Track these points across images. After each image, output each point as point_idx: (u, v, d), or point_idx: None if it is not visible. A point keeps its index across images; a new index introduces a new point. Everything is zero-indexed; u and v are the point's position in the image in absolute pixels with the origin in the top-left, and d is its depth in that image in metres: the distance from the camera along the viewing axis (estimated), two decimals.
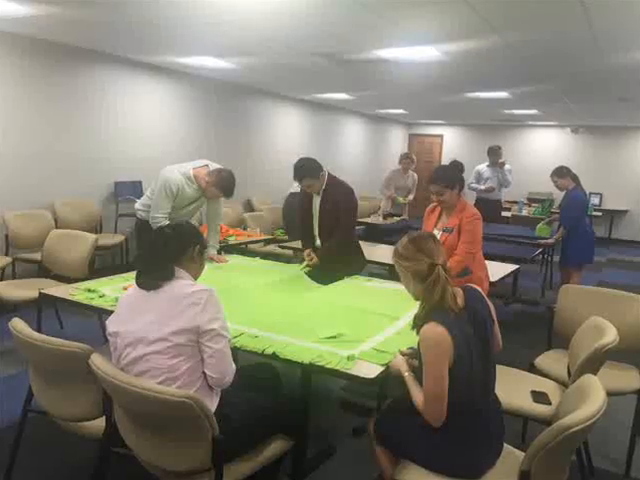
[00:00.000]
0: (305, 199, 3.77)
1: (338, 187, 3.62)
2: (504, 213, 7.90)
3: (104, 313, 2.66)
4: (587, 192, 5.72)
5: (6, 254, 4.90)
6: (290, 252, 5.05)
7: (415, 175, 6.99)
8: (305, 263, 3.67)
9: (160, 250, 1.95)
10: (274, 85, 7.84)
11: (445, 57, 5.05)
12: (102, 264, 5.75)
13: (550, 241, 5.52)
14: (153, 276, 1.90)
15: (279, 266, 3.94)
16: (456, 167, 3.69)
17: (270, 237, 5.92)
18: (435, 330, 1.75)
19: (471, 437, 1.82)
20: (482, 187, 7.08)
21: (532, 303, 5.78)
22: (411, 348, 2.08)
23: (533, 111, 9.14)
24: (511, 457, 1.91)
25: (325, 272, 3.46)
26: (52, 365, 2.07)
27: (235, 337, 2.23)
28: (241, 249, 5.12)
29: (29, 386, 2.24)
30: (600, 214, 9.97)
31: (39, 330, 3.06)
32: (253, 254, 5.03)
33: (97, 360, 1.82)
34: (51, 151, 5.53)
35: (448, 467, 1.81)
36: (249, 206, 8.04)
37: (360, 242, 4.04)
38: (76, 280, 3.25)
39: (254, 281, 3.29)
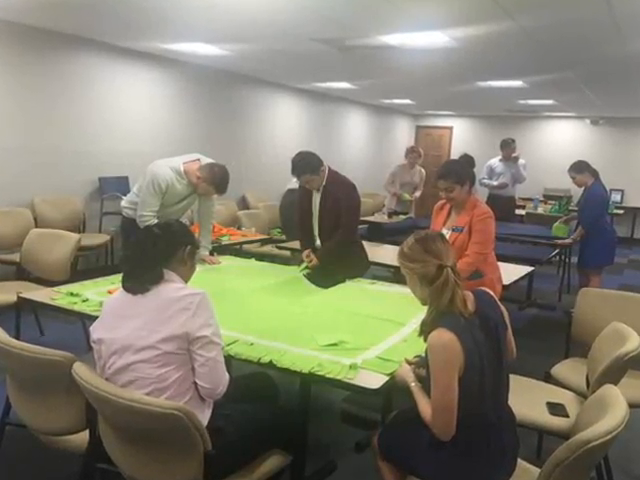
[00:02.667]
0: (304, 196, 3.77)
1: (339, 183, 3.63)
2: (518, 211, 7.90)
3: (88, 319, 2.66)
4: (608, 188, 5.71)
5: None
6: (288, 253, 5.05)
7: (422, 170, 6.99)
8: (304, 265, 3.67)
9: (148, 251, 1.95)
10: (270, 73, 7.84)
11: (455, 43, 5.05)
12: (85, 266, 5.75)
13: (568, 241, 5.52)
14: (140, 279, 1.91)
15: (276, 268, 3.94)
16: (467, 162, 3.70)
17: (266, 237, 5.93)
18: (444, 337, 1.75)
19: (482, 452, 1.82)
20: (494, 183, 7.09)
21: (548, 308, 5.78)
22: (418, 356, 2.09)
23: (549, 101, 9.13)
24: (526, 473, 1.91)
25: (325, 274, 3.46)
26: (32, 375, 2.07)
27: (229, 344, 2.23)
28: (235, 250, 5.12)
29: (6, 397, 2.24)
30: (622, 212, 9.94)
31: (18, 337, 3.07)
32: (248, 255, 5.03)
33: (80, 369, 1.82)
34: (30, 144, 5.52)
35: None
36: (244, 203, 8.04)
37: (363, 242, 4.04)
38: (58, 283, 3.24)
39: (249, 284, 3.29)
